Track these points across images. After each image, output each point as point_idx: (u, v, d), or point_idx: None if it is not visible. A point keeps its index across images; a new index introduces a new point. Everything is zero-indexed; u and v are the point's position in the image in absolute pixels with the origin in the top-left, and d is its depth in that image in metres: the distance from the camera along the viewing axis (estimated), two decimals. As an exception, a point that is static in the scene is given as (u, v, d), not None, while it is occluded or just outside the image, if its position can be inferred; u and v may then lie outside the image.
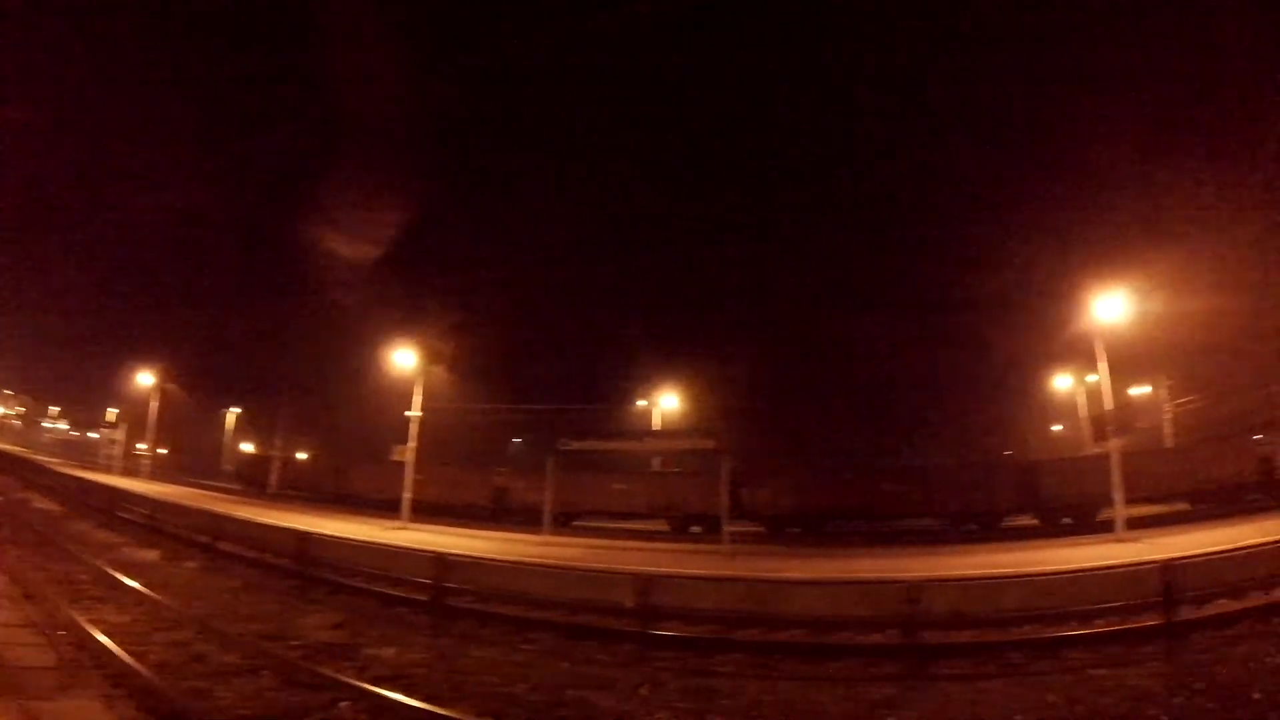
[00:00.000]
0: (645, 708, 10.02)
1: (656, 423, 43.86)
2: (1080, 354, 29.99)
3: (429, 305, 36.14)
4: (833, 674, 11.83)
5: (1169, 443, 41.88)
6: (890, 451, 63.72)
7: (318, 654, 11.98)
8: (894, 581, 14.71)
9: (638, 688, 10.83)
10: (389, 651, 12.58)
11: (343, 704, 9.39)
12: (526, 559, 20.17)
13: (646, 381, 47.53)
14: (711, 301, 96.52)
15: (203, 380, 64.29)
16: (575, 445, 31.04)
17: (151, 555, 23.00)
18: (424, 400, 32.76)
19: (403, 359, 33.25)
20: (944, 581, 15.95)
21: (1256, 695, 9.66)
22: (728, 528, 26.28)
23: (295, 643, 12.70)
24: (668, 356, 54.17)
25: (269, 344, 65.63)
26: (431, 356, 33.39)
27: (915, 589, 12.46)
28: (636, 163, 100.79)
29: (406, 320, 34.76)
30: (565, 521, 34.43)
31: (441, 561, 16.95)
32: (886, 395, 72.15)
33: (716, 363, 50.85)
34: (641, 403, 47.06)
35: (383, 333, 35.81)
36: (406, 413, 32.44)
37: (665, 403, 45.49)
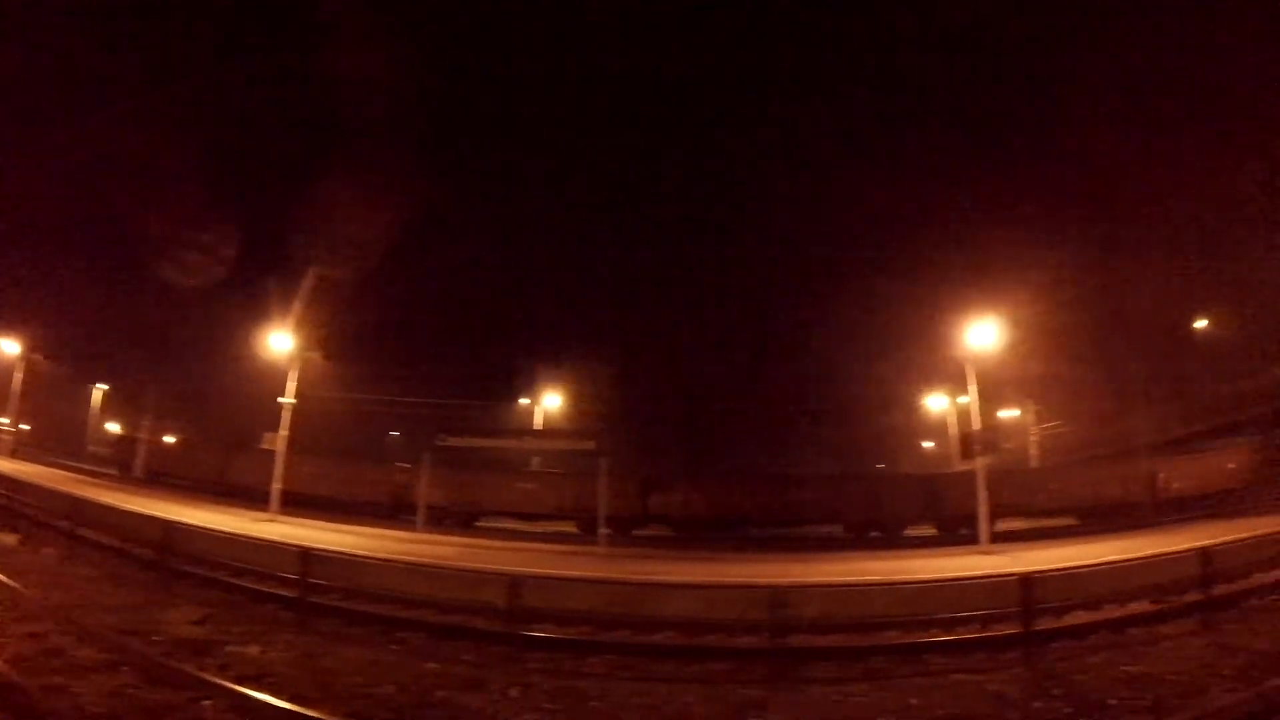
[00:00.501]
0: (514, 709, 9.86)
1: (539, 422, 43.58)
2: (954, 376, 31.03)
3: (314, 289, 34.64)
4: (702, 676, 11.87)
5: (1034, 463, 44.01)
6: (770, 459, 64.59)
7: (180, 650, 11.45)
8: (763, 586, 14.81)
9: (507, 689, 10.64)
10: (253, 649, 12.11)
11: (205, 703, 8.99)
12: (398, 556, 19.78)
13: (531, 379, 47.24)
14: (600, 303, 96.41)
15: (72, 353, 60.12)
16: (453, 441, 30.58)
17: (9, 540, 21.93)
18: (301, 388, 31.73)
19: (278, 343, 31.91)
20: (814, 587, 16.30)
21: (1112, 701, 9.97)
22: (603, 530, 26.36)
23: (157, 638, 12.13)
24: (554, 355, 53.96)
25: (144, 318, 62.19)
26: (309, 342, 32.26)
27: (782, 593, 12.56)
28: (531, 156, 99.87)
29: (287, 301, 33.33)
30: (468, 521, 33.99)
31: (308, 556, 16.38)
32: (770, 406, 73.22)
33: (602, 365, 50.70)
34: (524, 400, 46.68)
35: (262, 314, 34.02)
36: (280, 399, 31.31)
37: (549, 401, 45.25)
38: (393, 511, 35.30)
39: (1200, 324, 58.51)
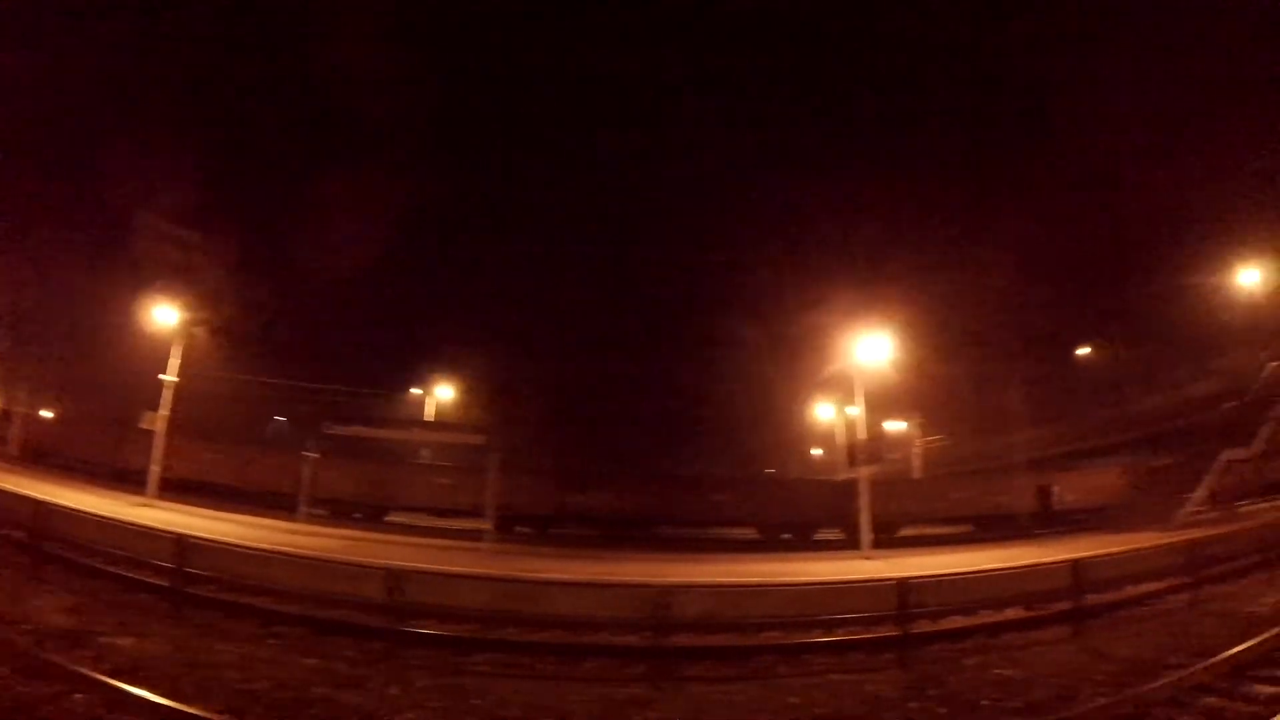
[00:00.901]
0: (393, 707, 9.67)
1: (430, 413, 42.78)
2: (844, 387, 31.67)
3: (200, 263, 33.12)
4: (584, 674, 11.87)
5: (916, 474, 45.71)
6: (662, 461, 64.96)
7: (50, 640, 10.97)
8: (648, 585, 14.82)
9: (387, 687, 10.45)
10: (127, 641, 11.63)
11: (77, 696, 8.67)
12: (280, 547, 19.19)
13: (423, 370, 46.37)
14: (495, 297, 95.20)
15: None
16: (340, 430, 29.77)
17: None
18: (187, 366, 30.47)
19: (163, 316, 30.31)
20: (700, 587, 16.35)
21: (984, 702, 10.31)
22: (489, 526, 26.00)
23: (26, 627, 11.61)
24: (448, 346, 52.97)
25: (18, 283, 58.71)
26: (196, 318, 30.99)
27: (666, 593, 12.57)
28: (432, 146, 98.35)
29: (175, 275, 31.92)
30: (377, 516, 33.06)
31: (183, 544, 15.75)
32: (665, 409, 73.53)
33: (498, 360, 50.08)
34: (416, 391, 45.79)
35: (148, 284, 32.47)
36: (161, 375, 29.93)
37: (441, 393, 44.51)
38: (295, 502, 34.09)
39: (1083, 351, 61.46)
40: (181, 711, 8.22)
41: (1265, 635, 12.16)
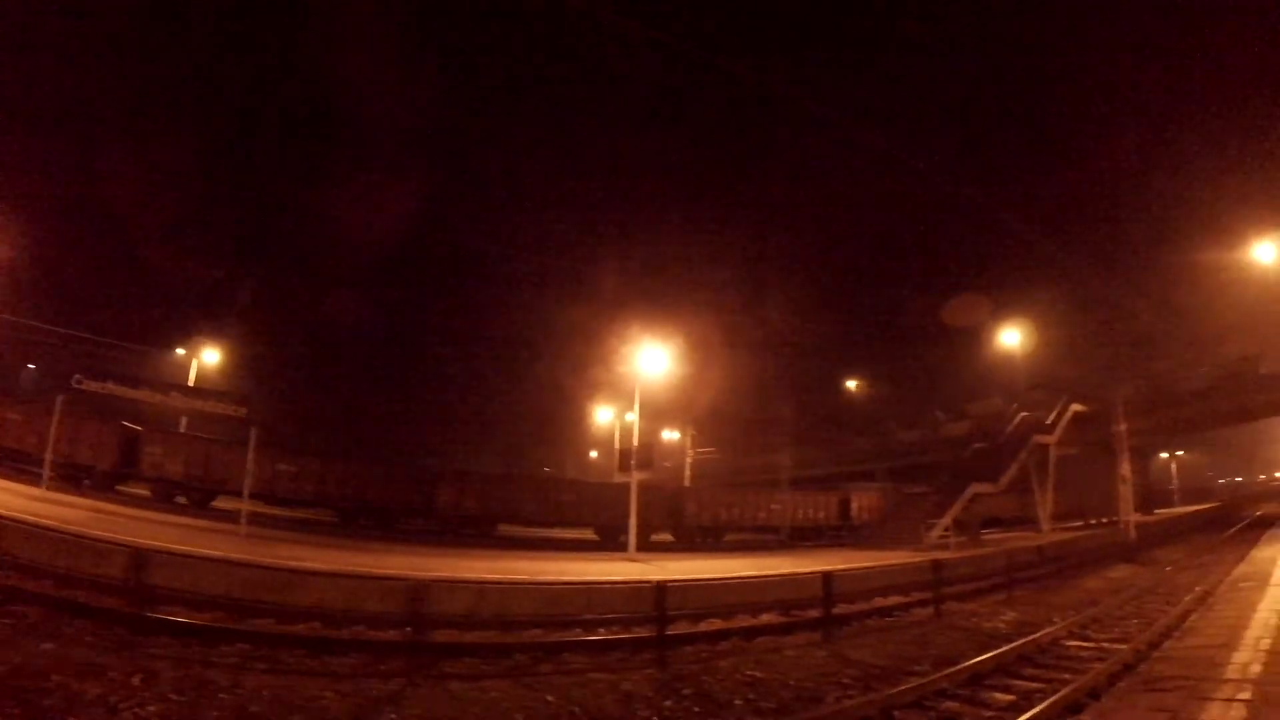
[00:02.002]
0: (136, 699, 8.76)
1: (193, 378, 39.76)
2: (625, 394, 31.89)
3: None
4: (339, 669, 11.18)
5: (688, 483, 47.49)
6: (439, 454, 64.22)
7: None
8: (405, 578, 14.25)
9: (130, 676, 9.48)
10: None
11: None
12: (16, 515, 17.36)
13: (190, 329, 43.29)
14: (274, 264, 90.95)
15: None
16: (91, 385, 27.15)
17: None
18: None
19: None
20: (462, 583, 15.90)
21: (737, 702, 10.37)
22: (246, 508, 24.25)
23: None
24: (220, 306, 49.79)
25: None
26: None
27: (422, 587, 12.05)
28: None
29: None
30: (204, 501, 30.17)
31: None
32: (444, 401, 72.66)
33: (275, 332, 47.60)
34: (180, 351, 42.62)
35: None
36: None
37: (208, 357, 41.70)
38: (118, 478, 30.62)
39: (851, 384, 65.19)
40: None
41: (1002, 649, 12.88)
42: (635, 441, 28.08)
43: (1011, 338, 43.46)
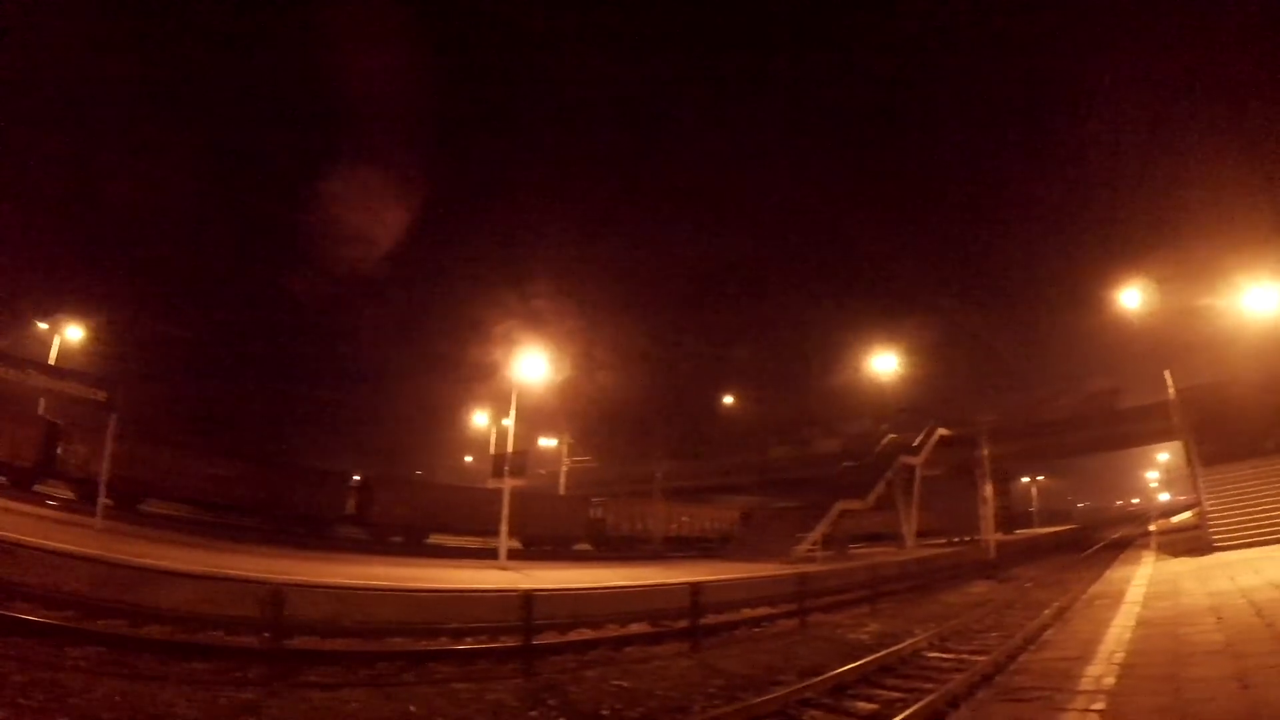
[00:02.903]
0: None
1: (54, 356, 36.60)
2: (503, 399, 31.68)
3: None
4: (195, 675, 10.61)
5: (562, 491, 47.63)
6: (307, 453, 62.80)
7: None
8: (265, 581, 13.75)
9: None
10: None
11: None
12: None
13: (54, 302, 40.49)
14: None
15: None
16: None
17: None
18: None
19: None
20: (322, 588, 15.42)
21: (604, 712, 10.25)
22: (104, 500, 22.72)
23: None
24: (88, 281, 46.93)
25: None
26: None
27: (280, 591, 11.59)
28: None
29: None
30: (131, 503, 27.42)
31: None
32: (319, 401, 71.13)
33: (144, 312, 45.12)
34: (43, 325, 39.63)
35: None
36: None
37: (71, 333, 38.90)
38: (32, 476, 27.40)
39: (728, 399, 66.21)
40: None
41: (865, 659, 13.03)
42: (510, 447, 27.75)
43: (884, 363, 44.87)
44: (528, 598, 13.03)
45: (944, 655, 14.53)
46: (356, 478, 35.92)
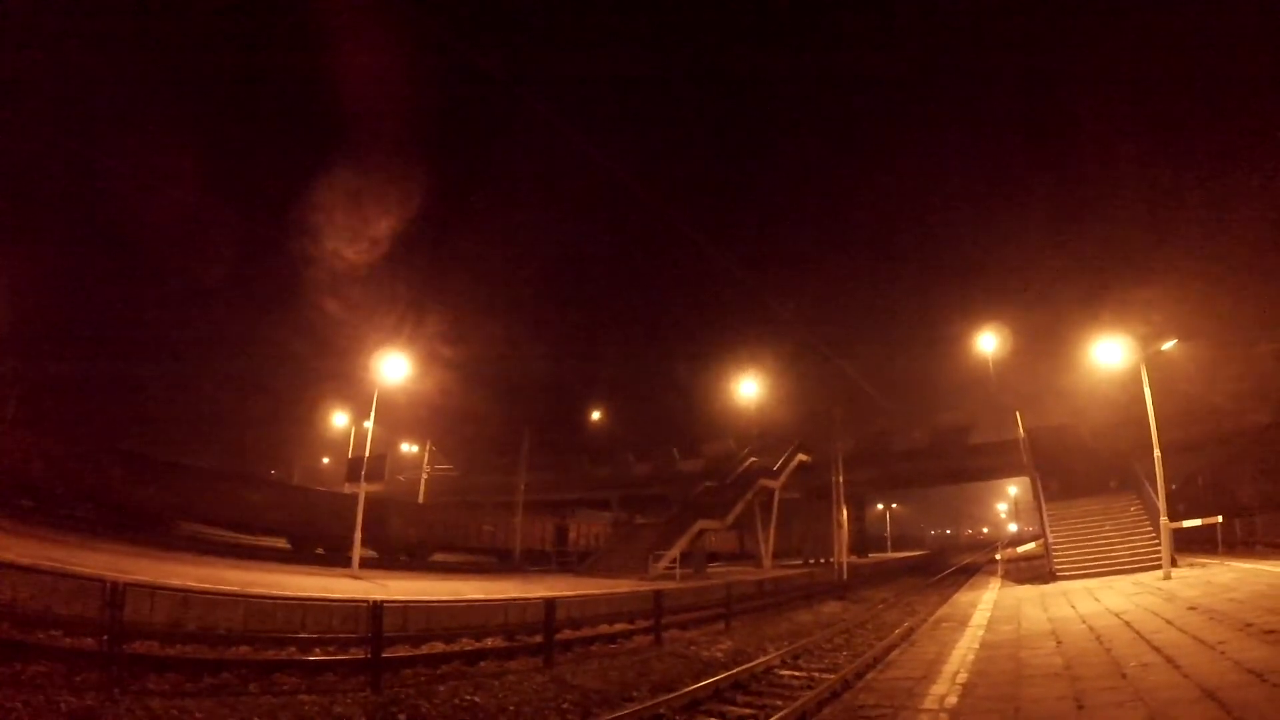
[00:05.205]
0: None
1: None
2: (364, 401, 31.06)
3: None
4: (28, 678, 9.92)
5: (422, 499, 47.23)
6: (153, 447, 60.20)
7: None
8: (103, 579, 13.02)
9: None
10: None
11: None
12: None
13: None
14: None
15: None
16: None
17: None
18: None
19: None
20: (165, 590, 14.68)
21: (453, 728, 9.99)
22: None
23: None
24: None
25: None
26: None
27: (120, 591, 11.02)
28: None
29: None
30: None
31: None
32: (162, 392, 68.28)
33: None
34: None
35: None
36: None
37: None
38: None
39: (594, 415, 66.40)
40: None
41: (718, 676, 13.21)
42: (368, 451, 27.02)
43: (746, 388, 45.96)
44: (377, 608, 12.69)
45: (795, 673, 14.80)
46: None
